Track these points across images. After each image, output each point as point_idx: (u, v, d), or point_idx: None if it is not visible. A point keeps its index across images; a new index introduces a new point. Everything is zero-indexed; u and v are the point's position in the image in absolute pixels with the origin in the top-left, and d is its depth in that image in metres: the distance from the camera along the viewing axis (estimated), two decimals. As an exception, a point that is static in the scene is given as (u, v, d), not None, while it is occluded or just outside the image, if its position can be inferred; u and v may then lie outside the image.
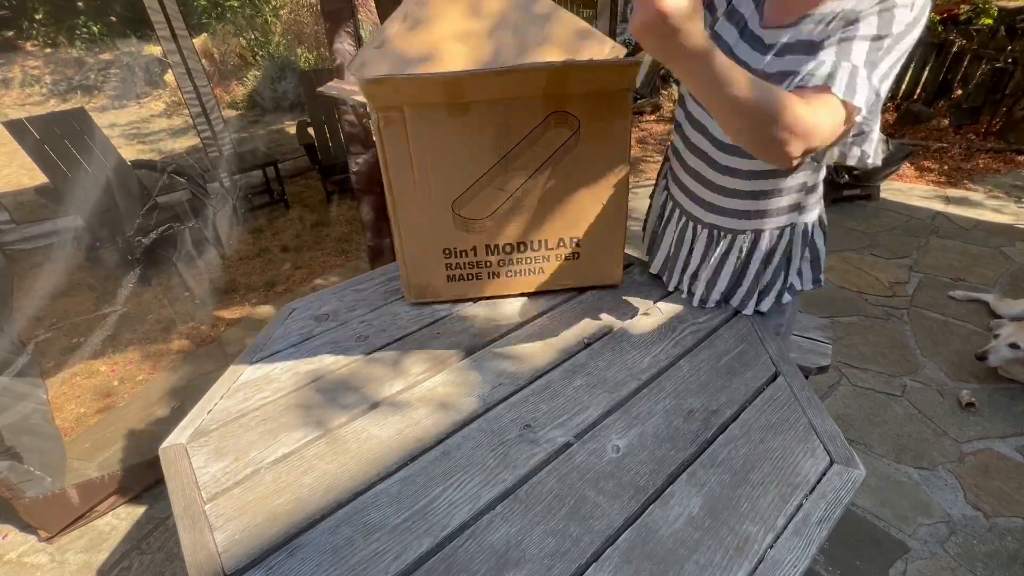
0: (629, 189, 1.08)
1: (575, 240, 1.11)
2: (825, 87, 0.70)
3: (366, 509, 0.72)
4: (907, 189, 4.23)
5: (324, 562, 0.65)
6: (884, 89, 0.73)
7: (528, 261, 1.12)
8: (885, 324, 2.65)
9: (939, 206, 3.90)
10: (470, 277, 1.13)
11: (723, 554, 0.65)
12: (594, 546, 0.67)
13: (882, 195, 4.05)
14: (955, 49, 5.40)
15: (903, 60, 0.74)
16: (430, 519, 0.70)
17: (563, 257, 1.13)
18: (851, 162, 0.82)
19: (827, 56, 0.73)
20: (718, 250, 1.05)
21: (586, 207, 1.08)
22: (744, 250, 1.03)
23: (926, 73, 5.64)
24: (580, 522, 0.70)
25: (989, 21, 5.40)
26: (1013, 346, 2.11)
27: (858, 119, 0.72)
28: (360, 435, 0.83)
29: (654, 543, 0.67)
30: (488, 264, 1.12)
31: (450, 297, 1.16)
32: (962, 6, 5.95)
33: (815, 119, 0.67)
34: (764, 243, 1.02)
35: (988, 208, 3.85)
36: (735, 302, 1.10)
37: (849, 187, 3.88)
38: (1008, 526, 1.69)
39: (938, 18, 5.81)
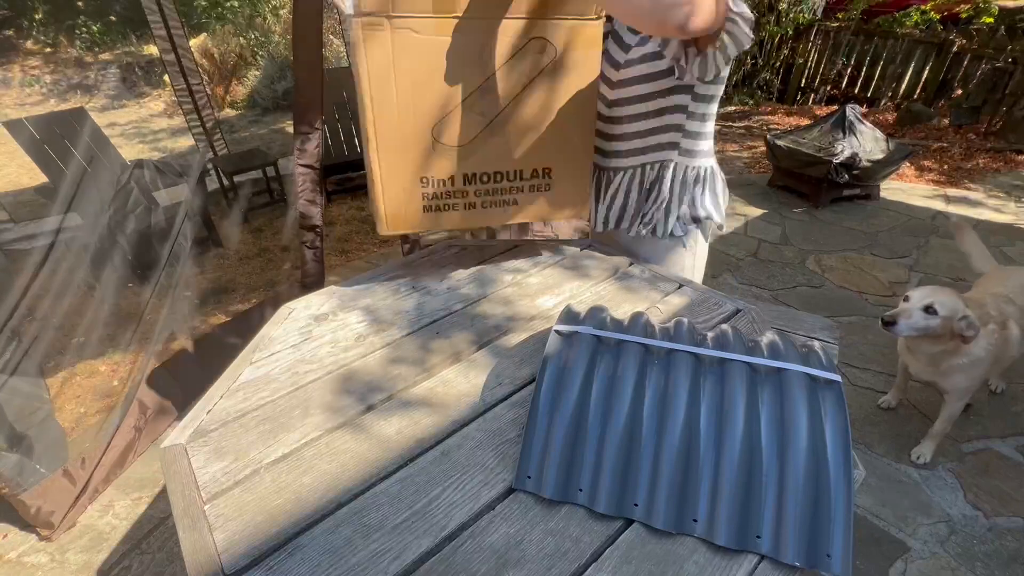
0: (596, 121, 1.14)
1: (547, 170, 1.13)
2: None
3: (365, 509, 0.72)
4: (907, 189, 4.23)
5: (323, 562, 0.65)
6: None
7: (503, 192, 1.14)
8: (885, 324, 2.65)
9: (939, 206, 3.91)
10: (446, 207, 1.12)
11: (723, 554, 0.65)
12: (594, 546, 0.67)
13: (882, 195, 4.06)
14: (955, 49, 5.41)
15: None
16: (430, 519, 0.70)
17: (536, 188, 1.15)
18: (732, 51, 1.01)
19: None
20: (612, 185, 1.29)
21: (558, 137, 1.10)
22: (628, 183, 1.26)
23: (926, 73, 5.65)
24: (580, 522, 0.70)
25: (990, 20, 5.40)
26: (928, 310, 1.59)
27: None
28: (359, 435, 0.83)
29: (654, 543, 0.67)
30: (464, 194, 1.11)
31: (425, 227, 1.14)
32: (963, 5, 5.95)
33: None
34: (646, 176, 1.24)
35: (988, 208, 3.85)
36: (624, 225, 1.32)
37: (849, 187, 3.88)
38: (1008, 526, 1.69)
39: (938, 17, 5.81)
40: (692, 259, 1.37)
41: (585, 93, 1.07)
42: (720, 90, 1.17)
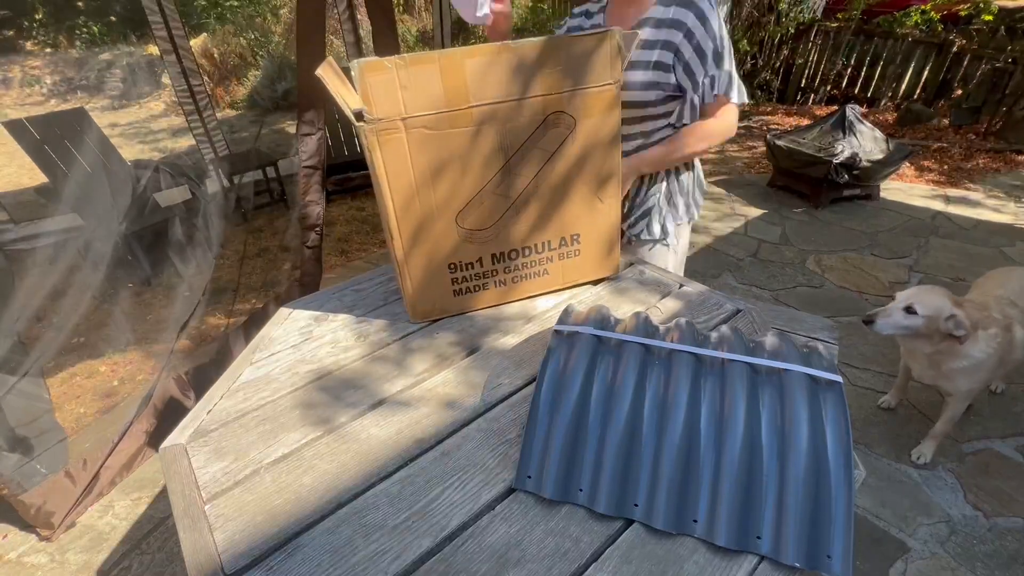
0: (622, 181, 1.11)
1: (576, 237, 1.12)
2: (725, 98, 1.22)
3: (366, 509, 0.72)
4: (907, 189, 4.23)
5: (324, 562, 0.65)
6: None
7: (533, 264, 1.12)
8: (885, 324, 2.65)
9: (939, 206, 3.91)
10: (476, 288, 1.11)
11: (723, 554, 0.65)
12: (594, 546, 0.67)
13: (882, 195, 4.05)
14: (955, 49, 5.41)
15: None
16: (430, 519, 0.70)
17: (566, 256, 1.14)
18: None
19: (708, 74, 1.19)
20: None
21: (584, 203, 1.09)
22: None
23: (926, 73, 5.65)
24: (580, 522, 0.70)
25: (989, 17, 5.40)
26: (909, 310, 1.62)
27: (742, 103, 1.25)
28: (360, 435, 0.83)
29: (654, 543, 0.67)
30: (494, 273, 1.10)
31: (456, 311, 1.13)
32: (962, 5, 5.95)
33: (724, 127, 1.27)
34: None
35: (988, 208, 3.85)
36: (636, 231, 1.41)
37: (849, 187, 3.88)
38: (1008, 526, 1.69)
39: (938, 17, 5.81)
40: (675, 256, 1.44)
41: (608, 152, 1.05)
42: None
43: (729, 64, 1.19)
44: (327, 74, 0.89)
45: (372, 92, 0.86)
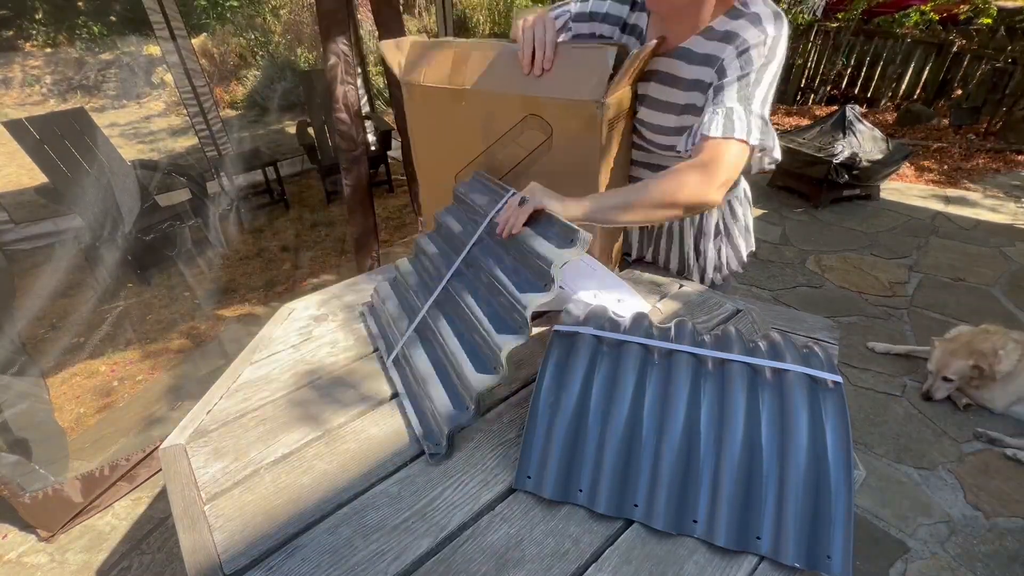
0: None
1: None
2: (706, 138, 0.88)
3: (365, 509, 0.72)
4: (907, 189, 4.23)
5: (323, 562, 0.65)
6: (766, 111, 0.91)
7: None
8: (885, 324, 2.65)
9: (939, 206, 3.91)
10: None
11: (723, 555, 0.65)
12: (594, 546, 0.67)
13: (882, 195, 4.06)
14: (955, 49, 5.41)
15: (775, 83, 0.91)
16: (429, 519, 0.70)
17: None
18: (766, 166, 1.00)
19: (707, 112, 0.91)
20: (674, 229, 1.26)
21: None
22: (695, 226, 1.25)
23: (926, 73, 5.65)
24: (580, 522, 0.69)
25: (988, 21, 5.41)
26: (946, 380, 2.11)
27: (753, 143, 0.88)
28: (359, 435, 0.83)
29: (654, 543, 0.67)
30: None
31: None
32: (961, 6, 5.95)
33: (707, 175, 0.87)
34: (708, 220, 1.24)
35: (987, 208, 3.85)
36: (689, 274, 1.31)
37: (849, 187, 3.88)
38: (1008, 526, 1.69)
39: (938, 18, 5.82)
40: None
41: (584, 173, 1.01)
42: None
43: (760, 107, 0.89)
44: (387, 47, 1.15)
45: (405, 60, 1.13)
